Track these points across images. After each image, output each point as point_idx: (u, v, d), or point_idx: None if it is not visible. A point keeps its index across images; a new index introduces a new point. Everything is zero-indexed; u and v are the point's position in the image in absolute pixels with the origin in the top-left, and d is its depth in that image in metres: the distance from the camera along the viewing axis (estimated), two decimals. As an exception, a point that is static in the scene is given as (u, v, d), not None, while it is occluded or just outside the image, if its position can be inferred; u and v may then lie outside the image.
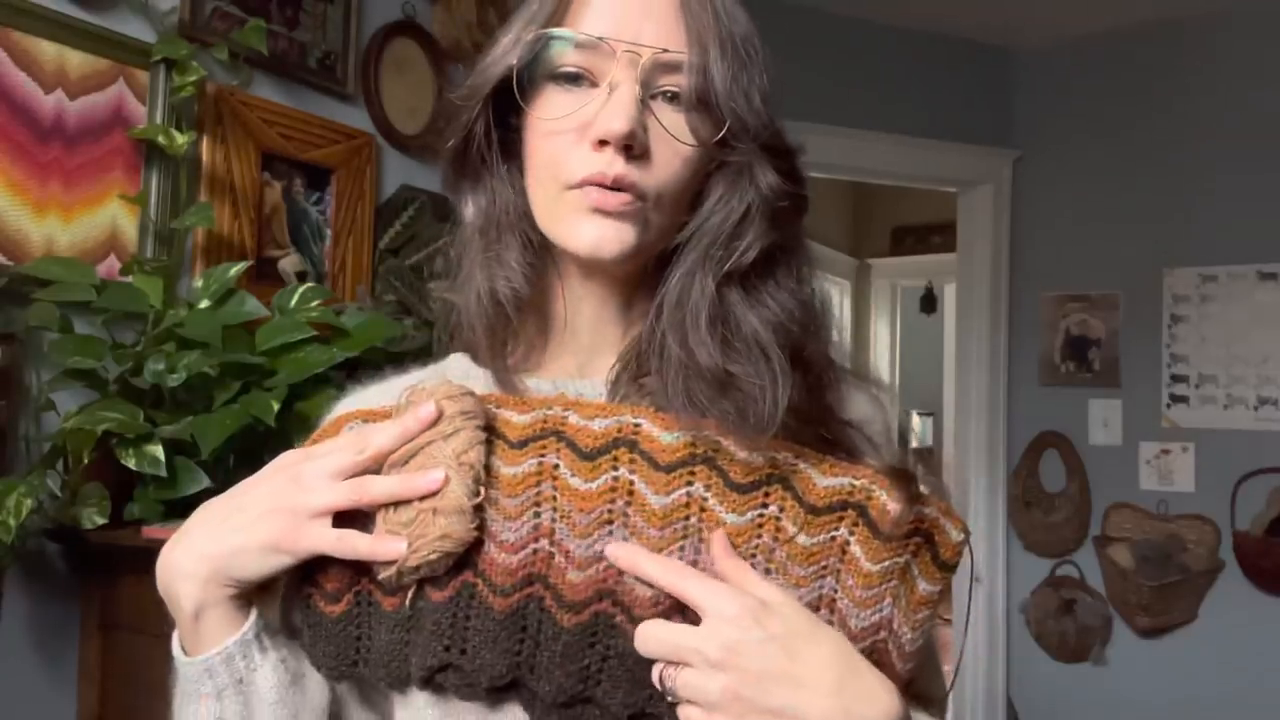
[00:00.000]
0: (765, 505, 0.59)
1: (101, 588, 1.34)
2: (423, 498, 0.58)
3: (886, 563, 0.59)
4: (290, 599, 0.63)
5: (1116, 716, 3.17)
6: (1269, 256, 2.99)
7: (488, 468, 0.60)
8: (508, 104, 0.64)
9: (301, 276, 1.67)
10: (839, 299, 5.17)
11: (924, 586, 0.60)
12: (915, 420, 6.10)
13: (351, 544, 0.59)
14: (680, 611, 0.57)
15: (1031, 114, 3.42)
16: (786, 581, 0.59)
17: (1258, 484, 2.96)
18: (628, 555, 0.57)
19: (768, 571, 0.59)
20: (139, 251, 1.46)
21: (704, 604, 0.55)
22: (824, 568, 0.59)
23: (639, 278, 0.66)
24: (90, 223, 1.42)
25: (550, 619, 0.57)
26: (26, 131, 1.34)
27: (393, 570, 0.58)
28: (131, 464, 1.25)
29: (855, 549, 0.59)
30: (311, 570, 0.61)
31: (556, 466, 0.60)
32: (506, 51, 0.63)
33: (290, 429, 1.32)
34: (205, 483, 1.30)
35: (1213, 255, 3.07)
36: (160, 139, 1.44)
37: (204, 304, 1.40)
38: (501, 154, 0.66)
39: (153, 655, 1.28)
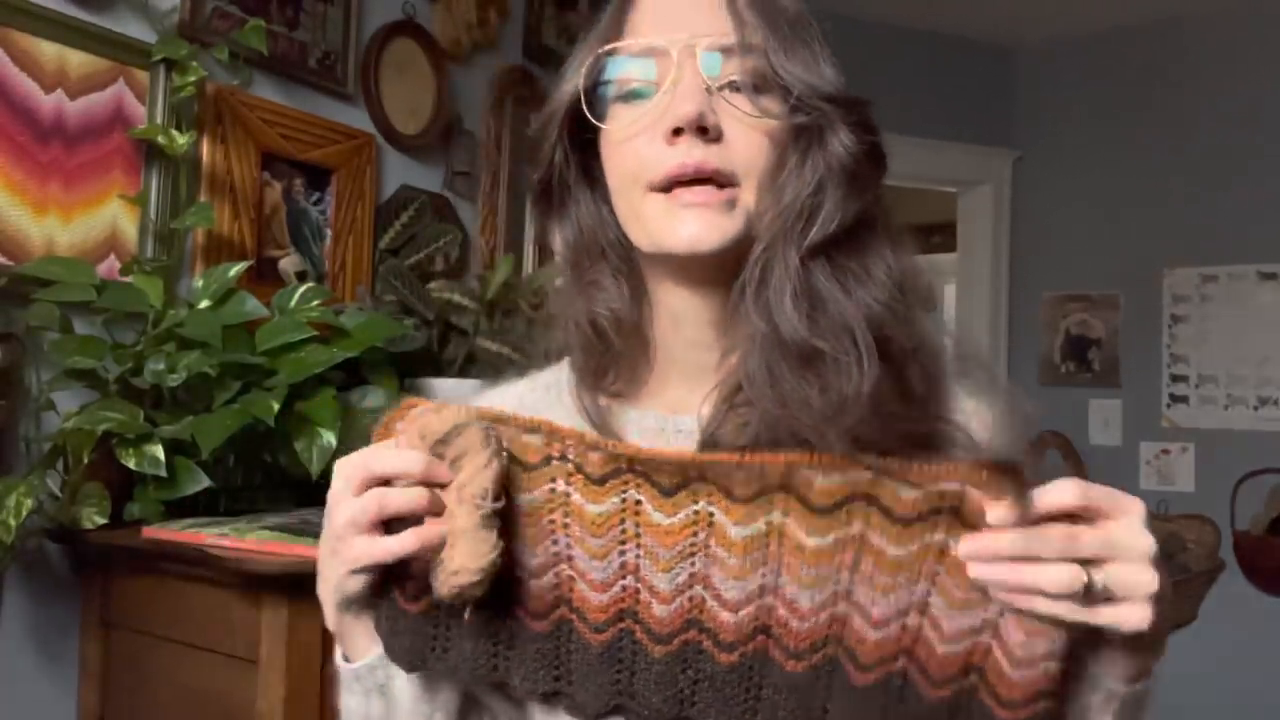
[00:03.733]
0: (849, 524, 0.57)
1: (101, 588, 1.34)
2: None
3: None
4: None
5: (1116, 716, 3.16)
6: (1269, 256, 2.99)
7: (571, 508, 0.61)
8: (583, 131, 0.65)
9: (301, 276, 1.67)
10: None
11: None
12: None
13: (387, 548, 0.60)
14: (765, 632, 0.59)
15: (1031, 114, 3.42)
16: (873, 590, 0.57)
17: (1258, 484, 2.96)
18: (975, 548, 0.54)
19: (853, 584, 0.58)
20: (139, 251, 1.46)
21: (1116, 504, 0.53)
22: (917, 573, 0.57)
23: (733, 295, 0.63)
24: (90, 223, 1.42)
25: (643, 650, 0.61)
26: (26, 131, 1.34)
27: (440, 595, 0.59)
28: (131, 464, 1.25)
29: (958, 554, 0.55)
30: (399, 571, 0.63)
31: (639, 503, 0.60)
32: (571, 77, 0.64)
33: (290, 429, 1.32)
34: (205, 483, 1.30)
35: (1213, 255, 3.07)
36: (160, 139, 1.44)
37: (204, 304, 1.40)
38: (584, 181, 0.67)
39: (153, 655, 1.28)
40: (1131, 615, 0.53)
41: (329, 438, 1.31)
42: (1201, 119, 3.09)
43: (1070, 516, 0.52)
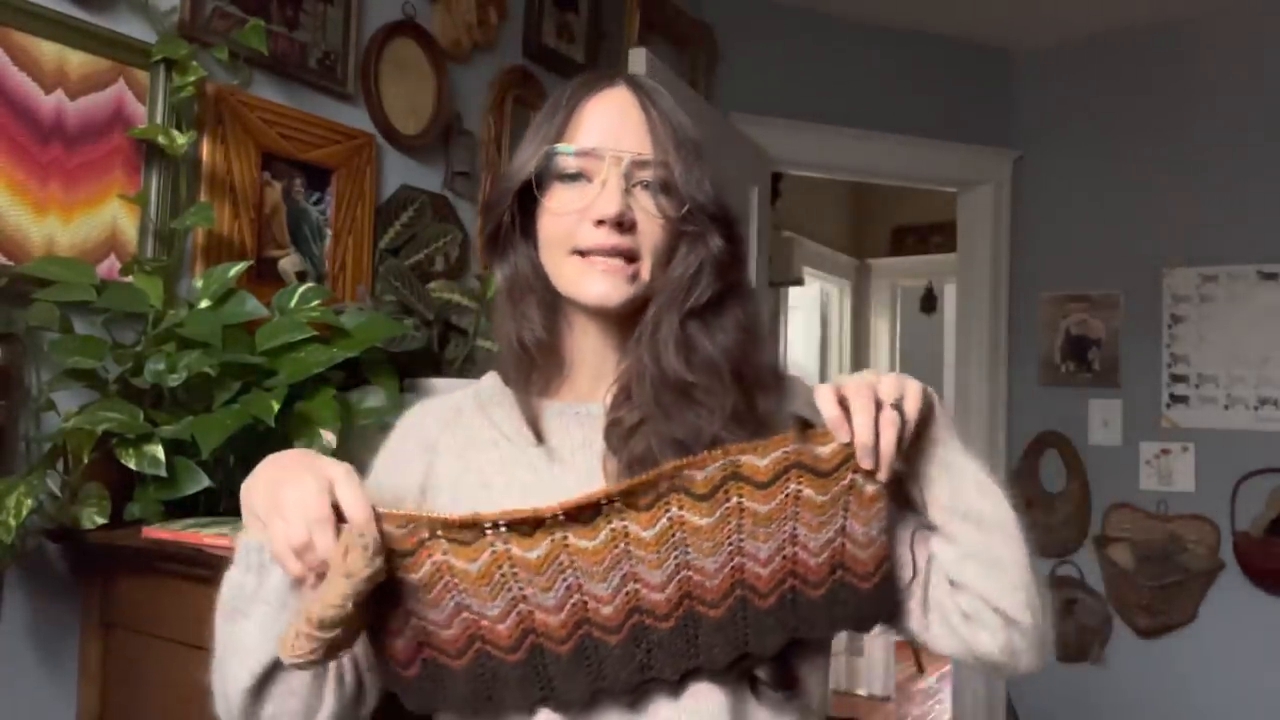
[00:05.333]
0: (728, 500, 0.78)
1: (101, 588, 1.34)
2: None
3: (834, 490, 0.79)
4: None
5: (1116, 716, 3.17)
6: (1269, 256, 2.99)
7: (515, 560, 0.77)
8: (526, 198, 0.88)
9: (301, 276, 1.67)
10: (839, 299, 5.17)
11: (869, 489, 0.79)
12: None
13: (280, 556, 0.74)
14: (689, 597, 0.78)
15: (1031, 114, 3.43)
16: (756, 540, 0.78)
17: (1258, 484, 2.96)
18: (865, 446, 0.76)
19: (741, 540, 0.78)
20: (139, 251, 1.46)
21: (845, 377, 0.79)
22: (784, 519, 0.79)
23: (629, 320, 0.88)
24: (90, 223, 1.42)
25: (603, 644, 0.78)
26: (26, 132, 1.34)
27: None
28: (131, 464, 1.25)
29: (807, 492, 0.79)
30: (385, 642, 0.79)
31: (565, 538, 0.77)
32: (526, 162, 0.87)
33: (290, 429, 1.32)
34: (205, 483, 1.30)
35: (1213, 255, 3.07)
36: (160, 139, 1.44)
37: (204, 304, 1.40)
38: (522, 235, 0.90)
39: (153, 655, 1.28)
40: (914, 394, 0.78)
41: (329, 438, 1.31)
42: (1202, 119, 3.09)
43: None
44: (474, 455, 0.89)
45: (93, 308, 1.34)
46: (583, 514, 0.77)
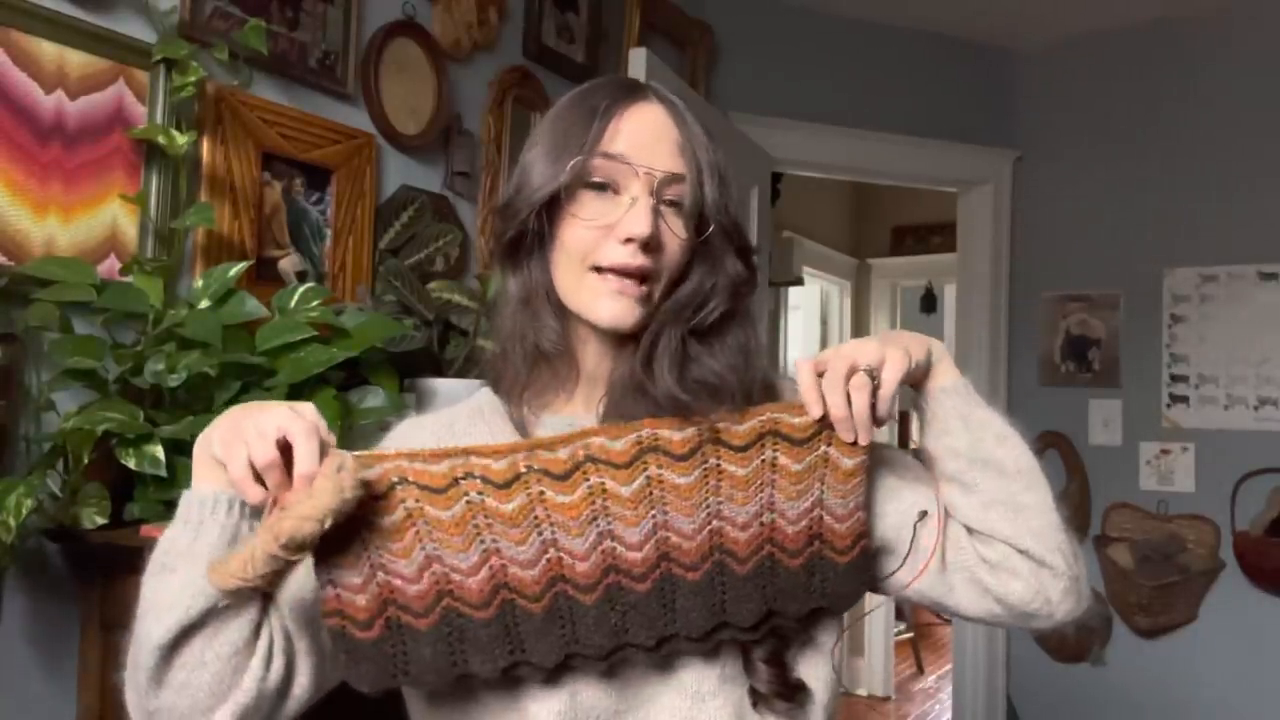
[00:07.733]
0: (705, 461, 0.79)
1: (101, 588, 1.34)
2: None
3: (809, 459, 0.80)
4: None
5: (1116, 716, 3.17)
6: (1269, 256, 2.99)
7: (489, 511, 0.75)
8: (549, 206, 0.84)
9: (301, 276, 1.67)
10: (839, 299, 5.17)
11: (846, 463, 0.81)
12: (915, 422, 6.08)
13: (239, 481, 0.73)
14: (666, 558, 0.78)
15: (1031, 114, 3.43)
16: (734, 504, 0.79)
17: (1258, 484, 2.96)
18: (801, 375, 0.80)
19: (719, 503, 0.79)
20: (139, 251, 1.46)
21: (825, 354, 0.81)
22: (761, 484, 0.80)
23: (630, 334, 0.86)
24: (90, 223, 1.42)
25: (577, 603, 0.76)
26: (26, 132, 1.34)
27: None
28: (131, 464, 1.25)
29: (782, 459, 0.80)
30: (341, 601, 0.74)
31: (542, 494, 0.76)
32: (557, 172, 0.83)
33: (290, 429, 1.32)
34: (205, 483, 1.30)
35: (1213, 255, 3.07)
36: (160, 139, 1.44)
37: (204, 304, 1.40)
38: (540, 242, 0.87)
39: (153, 655, 1.28)
40: (896, 358, 0.80)
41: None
42: (1202, 119, 3.10)
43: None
44: None
45: (93, 308, 1.34)
46: (555, 466, 0.76)
